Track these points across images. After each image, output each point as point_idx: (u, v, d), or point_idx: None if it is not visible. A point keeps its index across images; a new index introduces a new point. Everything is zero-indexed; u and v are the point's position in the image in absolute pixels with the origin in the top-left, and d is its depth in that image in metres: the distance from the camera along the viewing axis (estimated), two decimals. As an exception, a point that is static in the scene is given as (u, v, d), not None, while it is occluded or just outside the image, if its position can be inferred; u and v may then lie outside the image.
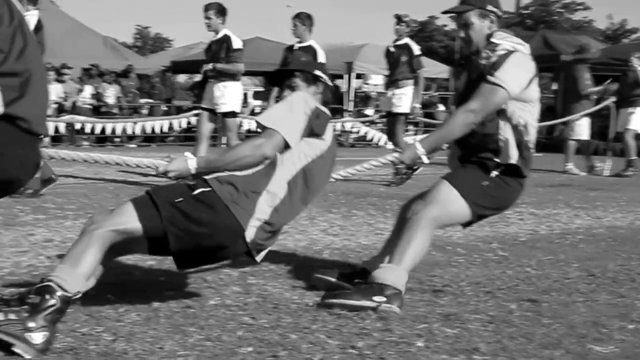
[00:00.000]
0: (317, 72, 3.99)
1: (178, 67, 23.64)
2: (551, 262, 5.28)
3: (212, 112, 9.26)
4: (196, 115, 12.74)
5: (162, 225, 3.39)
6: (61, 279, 3.14)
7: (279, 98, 4.04)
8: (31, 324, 2.98)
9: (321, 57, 9.15)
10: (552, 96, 22.91)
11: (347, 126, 20.72)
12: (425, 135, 4.46)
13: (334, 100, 22.34)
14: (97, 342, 3.19)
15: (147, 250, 3.60)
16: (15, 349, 2.95)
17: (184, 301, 3.88)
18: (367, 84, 28.85)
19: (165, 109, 20.96)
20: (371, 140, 21.06)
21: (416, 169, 9.63)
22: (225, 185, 3.53)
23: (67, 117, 16.60)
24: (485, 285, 4.52)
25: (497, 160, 4.12)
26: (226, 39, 9.08)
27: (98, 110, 18.69)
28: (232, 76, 9.20)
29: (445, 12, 4.40)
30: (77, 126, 16.77)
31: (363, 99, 25.39)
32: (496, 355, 3.23)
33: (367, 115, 23.10)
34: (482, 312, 3.90)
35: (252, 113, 21.64)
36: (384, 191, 9.47)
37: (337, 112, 21.64)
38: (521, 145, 4.12)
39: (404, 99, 10.42)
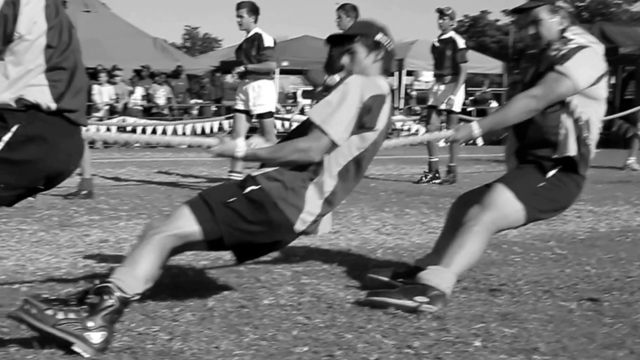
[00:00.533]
0: (379, 37, 3.84)
1: (227, 66, 23.71)
2: (612, 261, 5.20)
3: (246, 113, 9.03)
4: (229, 117, 12.88)
5: (217, 226, 3.45)
6: (120, 280, 3.19)
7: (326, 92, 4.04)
8: (90, 324, 3.03)
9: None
10: (611, 90, 22.54)
11: (397, 124, 20.65)
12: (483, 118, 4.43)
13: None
14: (154, 341, 3.24)
15: (205, 248, 3.67)
16: (75, 348, 3.00)
17: (238, 301, 3.91)
18: (418, 81, 28.76)
19: (215, 109, 21.12)
20: (423, 138, 20.99)
21: (437, 177, 9.71)
22: (273, 182, 3.56)
23: (118, 119, 16.84)
24: (544, 284, 4.47)
25: (554, 156, 4.08)
26: (257, 37, 8.93)
27: (149, 111, 18.94)
28: (266, 75, 9.06)
29: (514, 10, 4.35)
30: (128, 128, 17.00)
31: (415, 98, 25.30)
32: (556, 355, 3.19)
33: (418, 113, 23.03)
34: (541, 311, 3.86)
35: (302, 112, 21.69)
36: (437, 189, 9.42)
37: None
38: (580, 140, 4.07)
39: (452, 98, 10.28)
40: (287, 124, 17.36)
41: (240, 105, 9.07)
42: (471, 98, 25.04)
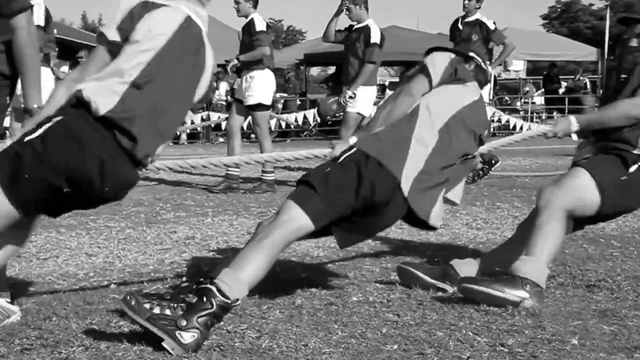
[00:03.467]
0: (471, 54, 4.15)
1: (312, 59, 23.91)
2: None
3: (241, 103, 8.71)
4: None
5: (323, 206, 3.50)
6: (224, 283, 3.21)
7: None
8: (183, 323, 3.06)
9: (374, 37, 8.60)
10: None
11: (488, 115, 20.39)
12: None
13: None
14: (242, 339, 3.27)
15: (314, 234, 3.68)
16: (164, 344, 3.05)
17: (327, 298, 3.93)
18: (507, 70, 28.29)
19: (299, 102, 21.24)
20: (514, 128, 20.69)
21: (495, 163, 9.16)
22: (370, 141, 3.70)
23: (204, 114, 17.08)
24: (645, 279, 4.36)
25: (636, 152, 3.98)
26: (250, 23, 8.52)
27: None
28: (258, 64, 8.55)
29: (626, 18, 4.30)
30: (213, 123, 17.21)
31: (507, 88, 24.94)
32: (660, 355, 3.11)
33: (508, 103, 22.72)
34: (642, 308, 3.77)
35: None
36: (529, 182, 9.28)
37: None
38: None
39: None
40: (283, 123, 17.18)
41: (237, 95, 8.83)
42: (565, 85, 24.58)
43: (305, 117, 17.78)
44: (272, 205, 7.31)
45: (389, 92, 23.02)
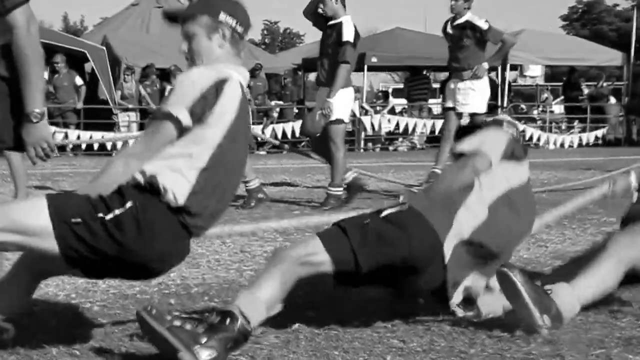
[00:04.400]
0: (509, 119, 4.51)
1: (310, 64, 23.92)
2: None
3: None
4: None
5: (350, 252, 3.59)
6: (245, 306, 3.32)
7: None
8: (203, 339, 3.15)
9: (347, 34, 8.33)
10: None
11: (502, 125, 20.44)
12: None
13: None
14: (235, 366, 3.29)
15: (338, 282, 3.81)
16: (179, 355, 3.11)
17: (326, 322, 3.94)
18: (524, 75, 28.37)
19: (297, 111, 21.26)
20: (529, 139, 20.73)
21: None
22: (419, 198, 3.84)
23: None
24: (672, 304, 4.38)
25: None
26: None
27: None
28: None
29: None
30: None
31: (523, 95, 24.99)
32: (687, 385, 3.13)
33: (524, 112, 22.75)
34: (669, 335, 3.79)
35: (392, 112, 21.68)
36: (546, 197, 9.28)
37: (490, 109, 21.34)
38: None
39: (473, 96, 9.36)
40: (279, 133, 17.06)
41: None
42: (587, 93, 24.63)
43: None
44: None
45: (393, 100, 23.08)
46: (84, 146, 17.25)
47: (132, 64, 19.18)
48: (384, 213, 3.79)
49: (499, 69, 21.85)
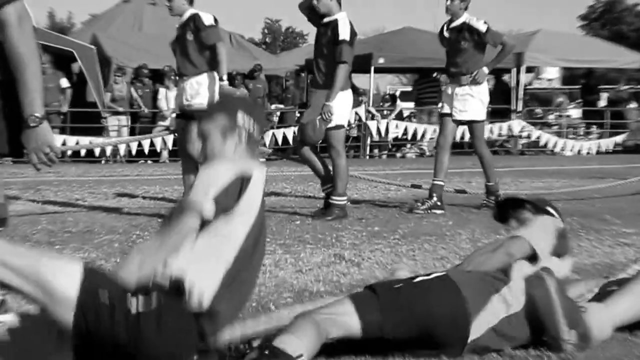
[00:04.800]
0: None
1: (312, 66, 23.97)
2: None
3: (184, 117, 8.27)
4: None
5: (380, 315, 3.59)
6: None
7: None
8: None
9: (343, 33, 8.21)
10: None
11: (516, 130, 20.42)
12: None
13: (501, 99, 22.09)
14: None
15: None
16: None
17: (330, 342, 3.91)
18: (539, 78, 28.38)
19: (299, 115, 21.23)
20: (545, 146, 20.74)
21: (497, 197, 8.80)
22: (460, 272, 3.81)
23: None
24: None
25: None
26: (193, 18, 8.25)
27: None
28: (209, 66, 8.30)
29: None
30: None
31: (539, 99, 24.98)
32: None
33: (539, 117, 22.74)
34: (693, 354, 3.78)
35: (400, 117, 21.65)
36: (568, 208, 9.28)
37: (504, 114, 21.36)
38: None
39: (471, 103, 9.10)
40: (280, 139, 16.98)
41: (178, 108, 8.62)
42: (606, 96, 24.62)
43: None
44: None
45: (400, 104, 23.06)
46: (69, 152, 17.13)
47: (123, 65, 19.16)
48: (417, 279, 3.82)
49: (514, 71, 21.88)
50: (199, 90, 8.23)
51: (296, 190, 11.48)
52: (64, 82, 18.15)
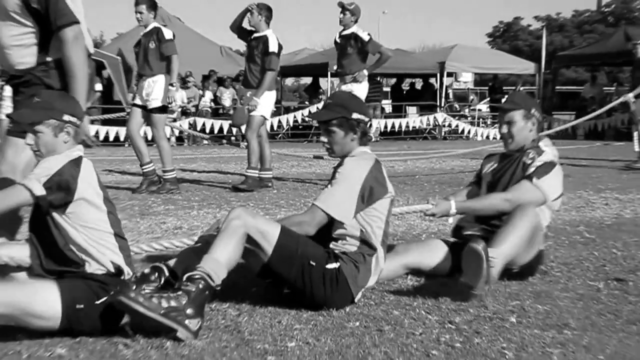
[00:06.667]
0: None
1: (286, 71, 23.85)
2: (637, 244, 5.10)
3: (143, 108, 8.14)
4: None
5: (286, 265, 3.34)
6: (210, 269, 3.12)
7: None
8: (189, 311, 2.96)
9: (272, 46, 8.21)
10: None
11: (440, 120, 20.53)
12: (463, 199, 4.26)
13: (429, 97, 22.18)
14: (224, 316, 3.26)
15: (256, 268, 3.45)
16: (179, 335, 2.94)
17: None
18: (457, 81, 28.45)
19: (275, 109, 21.13)
20: (462, 132, 20.89)
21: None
22: (349, 263, 3.46)
23: (190, 120, 17.00)
24: (574, 265, 4.41)
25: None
26: (156, 31, 8.11)
27: (216, 112, 19.10)
28: (162, 69, 8.12)
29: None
30: (198, 127, 17.15)
31: (457, 97, 25.04)
32: (585, 330, 3.15)
33: (457, 110, 22.90)
34: (572, 290, 3.82)
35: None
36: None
37: (431, 108, 21.49)
38: None
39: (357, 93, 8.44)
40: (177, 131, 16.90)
41: (137, 100, 8.31)
42: (507, 95, 24.71)
43: (280, 122, 17.92)
44: (250, 200, 7.31)
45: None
46: (101, 138, 17.04)
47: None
48: (328, 266, 3.42)
49: (438, 75, 21.96)
50: (154, 88, 8.07)
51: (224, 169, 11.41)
52: (98, 86, 18.00)
